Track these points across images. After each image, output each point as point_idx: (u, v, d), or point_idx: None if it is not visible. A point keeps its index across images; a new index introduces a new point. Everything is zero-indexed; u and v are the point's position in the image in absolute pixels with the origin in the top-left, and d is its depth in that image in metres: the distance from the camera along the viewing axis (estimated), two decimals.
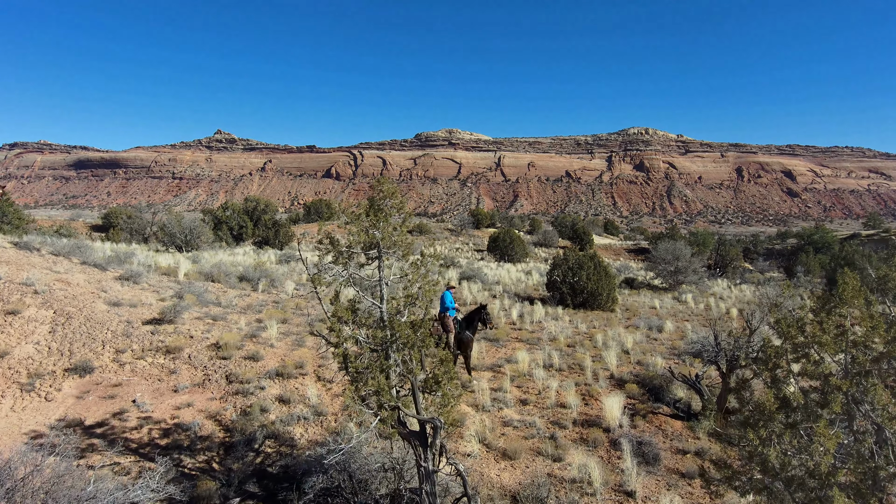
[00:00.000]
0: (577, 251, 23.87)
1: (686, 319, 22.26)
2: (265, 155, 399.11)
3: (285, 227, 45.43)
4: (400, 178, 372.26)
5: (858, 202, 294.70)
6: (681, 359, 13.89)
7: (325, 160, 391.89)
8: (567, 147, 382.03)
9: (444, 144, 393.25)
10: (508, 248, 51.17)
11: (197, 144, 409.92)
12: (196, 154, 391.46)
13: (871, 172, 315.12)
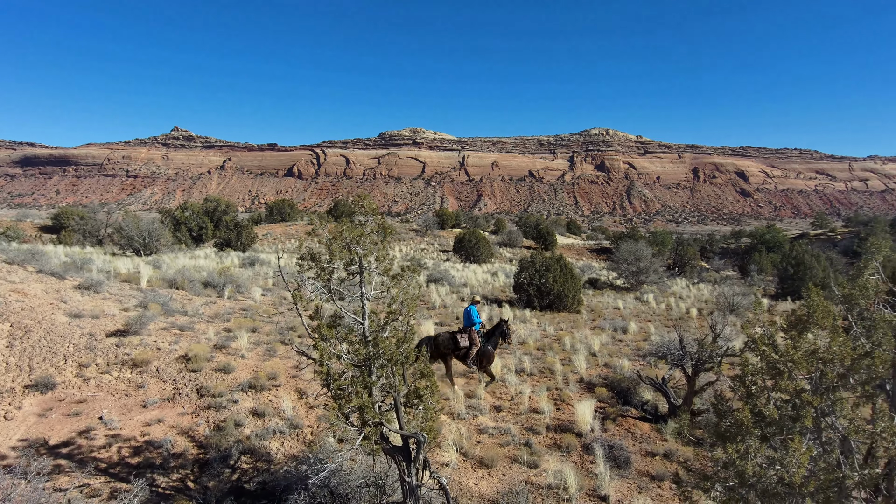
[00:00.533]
0: (543, 253, 24.19)
1: (649, 320, 22.85)
2: (225, 153, 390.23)
3: (248, 228, 44.48)
4: (363, 177, 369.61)
5: (806, 202, 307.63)
6: (646, 361, 14.29)
7: (286, 159, 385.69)
8: (530, 147, 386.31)
9: (408, 143, 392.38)
10: (474, 249, 51.42)
11: (153, 142, 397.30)
12: (152, 151, 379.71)
13: (817, 174, 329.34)
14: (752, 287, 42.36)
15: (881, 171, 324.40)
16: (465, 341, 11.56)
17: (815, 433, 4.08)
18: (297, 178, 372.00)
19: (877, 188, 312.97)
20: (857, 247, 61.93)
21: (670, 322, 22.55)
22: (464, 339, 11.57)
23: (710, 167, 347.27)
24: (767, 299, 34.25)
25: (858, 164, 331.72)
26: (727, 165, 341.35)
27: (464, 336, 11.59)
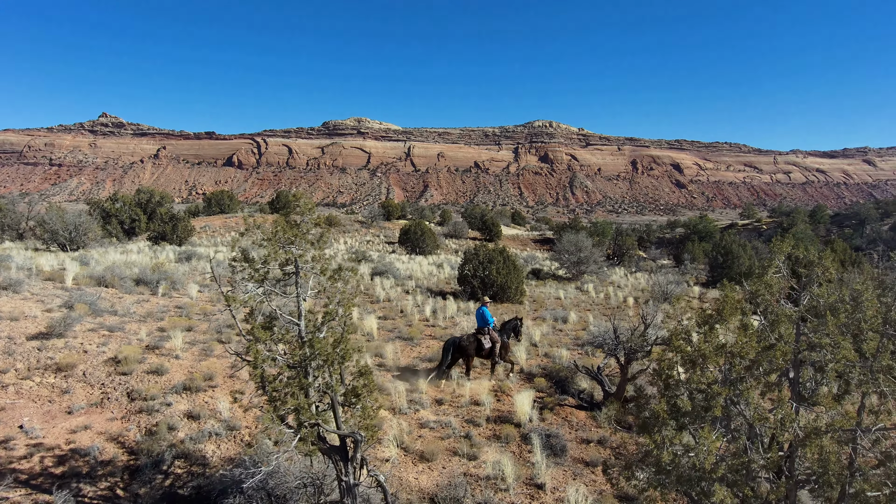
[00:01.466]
0: (487, 245, 24.52)
1: (588, 309, 23.61)
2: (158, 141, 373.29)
3: (184, 220, 42.82)
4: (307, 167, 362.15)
5: (736, 193, 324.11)
6: (584, 350, 14.79)
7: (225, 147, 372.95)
8: (475, 138, 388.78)
9: (352, 133, 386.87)
10: (420, 241, 51.46)
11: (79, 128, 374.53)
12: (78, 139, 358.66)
13: (746, 166, 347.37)
14: (685, 276, 44.45)
15: (802, 165, 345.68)
16: (488, 342, 12.29)
17: (725, 422, 4.40)
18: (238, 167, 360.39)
19: (798, 180, 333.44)
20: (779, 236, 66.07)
21: (608, 311, 23.38)
22: (487, 339, 12.30)
23: (648, 159, 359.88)
24: (699, 287, 35.99)
25: (782, 157, 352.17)
26: (664, 158, 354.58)
27: (486, 337, 12.30)
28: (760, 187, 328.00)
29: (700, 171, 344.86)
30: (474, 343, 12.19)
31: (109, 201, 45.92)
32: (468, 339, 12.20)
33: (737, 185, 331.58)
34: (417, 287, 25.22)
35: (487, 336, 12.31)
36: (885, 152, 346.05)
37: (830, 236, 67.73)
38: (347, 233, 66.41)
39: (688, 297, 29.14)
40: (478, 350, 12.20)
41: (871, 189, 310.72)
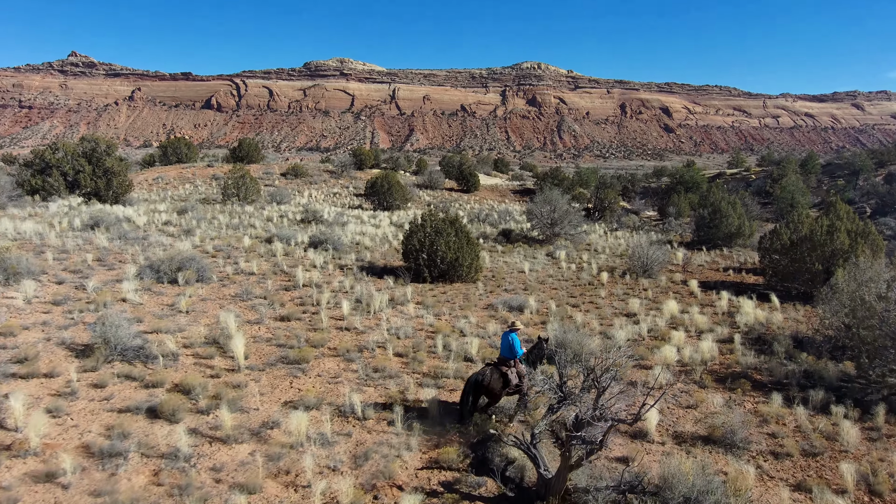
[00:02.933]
0: (436, 214, 20.96)
1: (555, 288, 20.50)
2: (133, 82, 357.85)
3: (121, 174, 38.44)
4: (289, 110, 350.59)
5: (724, 137, 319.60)
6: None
7: (203, 89, 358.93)
8: (462, 80, 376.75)
9: (335, 75, 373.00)
10: (387, 194, 47.91)
11: (48, 68, 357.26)
12: (47, 79, 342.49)
13: (735, 110, 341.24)
14: (669, 234, 41.37)
15: (791, 108, 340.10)
16: (515, 377, 9.69)
17: None
18: (217, 110, 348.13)
19: (786, 125, 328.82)
20: (768, 187, 62.84)
21: (577, 290, 20.23)
22: (513, 374, 9.69)
23: (637, 103, 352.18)
24: (683, 249, 32.95)
25: (771, 101, 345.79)
26: (653, 101, 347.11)
27: (513, 371, 9.69)
28: (748, 132, 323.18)
29: (689, 115, 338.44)
30: (500, 380, 9.53)
31: (50, 150, 41.46)
32: (491, 378, 9.46)
33: (725, 129, 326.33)
34: (358, 261, 21.77)
35: (514, 370, 9.68)
36: (874, 96, 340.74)
37: (821, 187, 64.70)
38: (314, 184, 62.33)
39: (670, 267, 26.00)
40: (504, 387, 9.60)
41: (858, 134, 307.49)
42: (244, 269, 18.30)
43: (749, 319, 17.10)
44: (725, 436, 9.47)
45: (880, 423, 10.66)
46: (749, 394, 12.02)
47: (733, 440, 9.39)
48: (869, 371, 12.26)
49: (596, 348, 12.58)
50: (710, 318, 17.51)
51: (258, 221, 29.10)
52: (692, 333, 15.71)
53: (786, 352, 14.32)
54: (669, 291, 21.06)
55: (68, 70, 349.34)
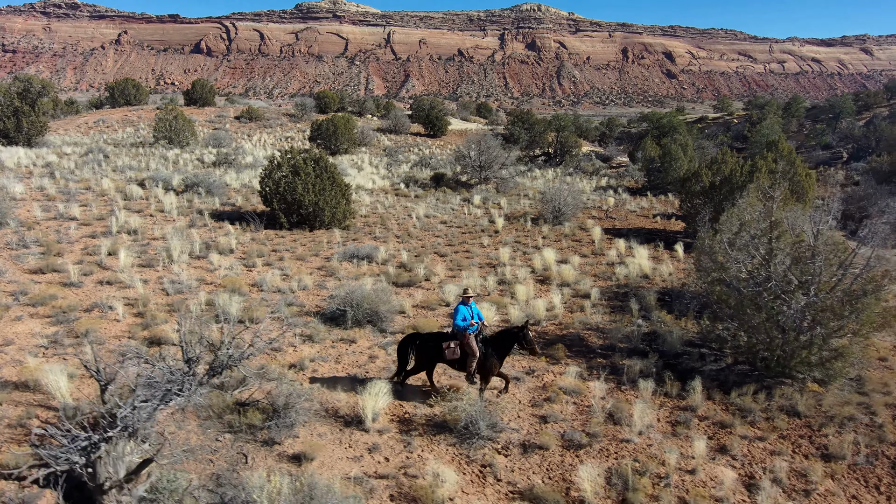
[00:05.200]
0: (310, 152, 18.56)
1: (437, 235, 18.45)
2: (119, 24, 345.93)
3: (32, 115, 35.89)
4: (281, 54, 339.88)
5: (727, 84, 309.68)
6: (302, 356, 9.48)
7: (192, 33, 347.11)
8: (460, 23, 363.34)
9: (328, 17, 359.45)
10: (332, 138, 45.07)
11: (29, 10, 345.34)
12: (30, 22, 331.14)
13: (740, 55, 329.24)
14: (623, 179, 38.89)
15: (798, 53, 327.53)
16: (452, 352, 8.68)
17: None
18: (207, 55, 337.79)
19: (792, 70, 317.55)
20: (746, 131, 59.60)
21: (463, 238, 18.17)
22: (451, 349, 8.67)
23: (640, 47, 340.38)
24: (627, 195, 30.60)
25: (778, 45, 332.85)
26: (656, 46, 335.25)
27: (452, 345, 8.67)
28: (753, 78, 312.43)
29: (692, 59, 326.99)
30: (435, 350, 8.75)
31: None
32: (427, 343, 8.81)
33: (729, 75, 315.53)
34: (225, 206, 19.61)
35: (455, 345, 8.65)
36: (884, 40, 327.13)
37: (802, 131, 61.39)
38: (269, 128, 59.72)
39: (594, 213, 23.67)
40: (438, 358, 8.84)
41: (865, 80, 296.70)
42: (65, 213, 16.09)
43: (631, 271, 15.01)
44: (467, 423, 7.42)
45: (697, 402, 8.65)
46: (565, 361, 10.01)
47: (477, 429, 7.34)
48: (710, 334, 10.19)
49: (388, 310, 10.52)
50: (590, 268, 15.43)
51: (160, 164, 26.77)
52: (552, 286, 13.63)
53: (642, 309, 12.26)
54: (566, 239, 18.93)
55: (51, 12, 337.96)
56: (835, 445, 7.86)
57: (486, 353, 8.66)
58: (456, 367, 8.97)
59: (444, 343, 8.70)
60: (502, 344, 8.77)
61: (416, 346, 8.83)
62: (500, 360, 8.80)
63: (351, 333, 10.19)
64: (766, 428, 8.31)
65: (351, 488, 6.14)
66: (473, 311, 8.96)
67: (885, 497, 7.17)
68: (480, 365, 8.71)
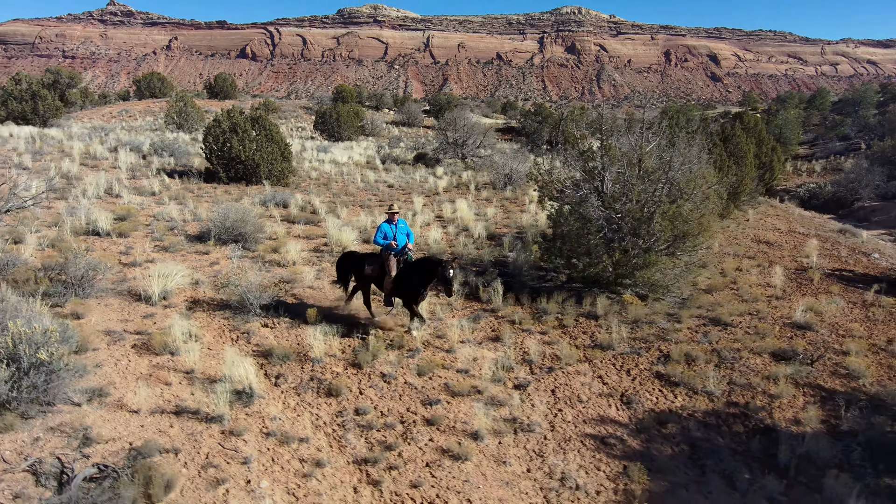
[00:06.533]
0: (240, 114, 19.45)
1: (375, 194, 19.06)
2: (170, 31, 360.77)
3: (48, 99, 38.42)
4: (322, 59, 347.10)
5: (775, 87, 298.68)
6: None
7: (238, 38, 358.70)
8: (499, 27, 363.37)
9: (368, 22, 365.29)
10: (335, 125, 46.32)
11: (88, 17, 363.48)
12: (88, 29, 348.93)
13: (789, 57, 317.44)
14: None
15: (852, 56, 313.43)
16: (372, 271, 8.59)
17: None
18: (251, 59, 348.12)
19: (845, 73, 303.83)
20: (764, 125, 57.94)
21: (396, 196, 18.69)
22: (371, 267, 8.57)
23: (683, 50, 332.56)
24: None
25: (831, 47, 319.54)
26: (700, 48, 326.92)
27: (371, 263, 8.59)
28: (803, 80, 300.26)
29: (738, 62, 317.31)
30: (359, 264, 8.71)
31: (13, 82, 42.05)
32: (355, 258, 8.79)
33: (777, 77, 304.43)
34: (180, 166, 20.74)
35: (375, 263, 8.55)
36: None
37: (825, 123, 59.15)
38: (284, 119, 61.71)
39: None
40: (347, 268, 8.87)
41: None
42: (20, 163, 17.53)
43: (540, 221, 15.31)
44: (242, 301, 8.05)
45: (498, 305, 9.05)
46: None
47: (250, 306, 7.97)
48: (546, 254, 10.49)
49: (254, 232, 11.24)
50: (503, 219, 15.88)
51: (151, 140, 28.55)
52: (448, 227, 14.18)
53: (522, 245, 12.59)
54: (502, 201, 19.32)
55: (107, 19, 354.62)
56: (605, 338, 8.11)
57: (405, 276, 8.29)
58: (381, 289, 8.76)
59: (367, 260, 8.60)
60: (423, 272, 8.17)
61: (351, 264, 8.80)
62: (420, 287, 8.23)
63: (209, 247, 10.97)
64: (553, 324, 8.65)
65: (98, 337, 6.86)
66: (401, 230, 8.63)
67: (630, 378, 7.43)
68: (398, 287, 8.39)
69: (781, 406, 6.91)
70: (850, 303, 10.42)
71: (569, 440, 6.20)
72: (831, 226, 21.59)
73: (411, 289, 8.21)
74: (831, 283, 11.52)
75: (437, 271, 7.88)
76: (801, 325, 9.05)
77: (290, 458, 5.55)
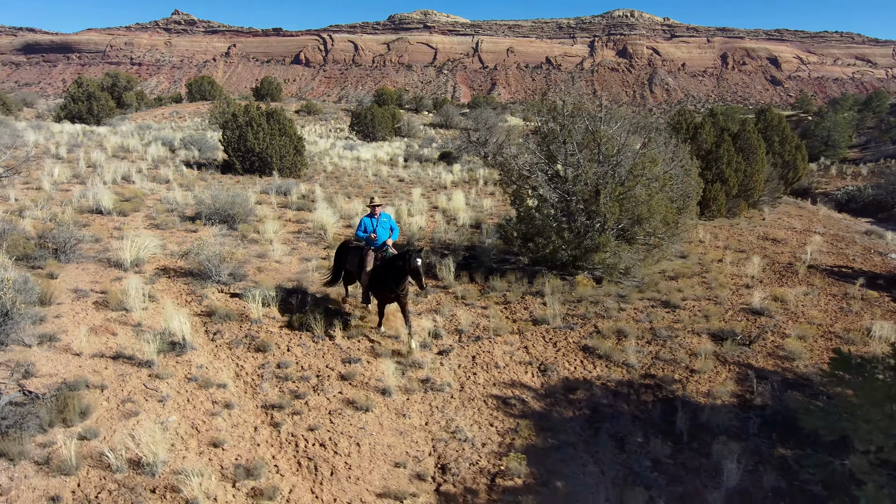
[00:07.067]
0: (256, 109, 20.45)
1: (383, 187, 19.68)
2: (228, 38, 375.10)
3: (102, 99, 41.15)
4: (373, 64, 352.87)
5: (841, 90, 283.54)
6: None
7: (293, 45, 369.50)
8: (548, 31, 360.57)
9: (418, 28, 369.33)
10: (370, 127, 47.65)
11: (154, 27, 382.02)
12: (154, 37, 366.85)
13: (857, 59, 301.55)
14: None
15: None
16: (351, 263, 8.41)
17: None
18: (305, 65, 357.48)
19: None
20: (813, 127, 55.60)
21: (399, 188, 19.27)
22: (352, 260, 8.39)
23: (741, 52, 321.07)
24: None
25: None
26: (759, 51, 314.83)
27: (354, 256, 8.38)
28: (872, 84, 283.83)
29: (801, 65, 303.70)
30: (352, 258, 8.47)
31: (75, 85, 45.32)
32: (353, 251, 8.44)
33: (843, 81, 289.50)
34: (205, 159, 21.96)
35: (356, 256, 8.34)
36: None
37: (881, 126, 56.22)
38: (323, 121, 63.67)
39: None
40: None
41: None
42: (55, 153, 19.02)
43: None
44: (202, 269, 8.72)
45: (450, 282, 9.42)
46: None
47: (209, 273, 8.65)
48: (507, 238, 10.77)
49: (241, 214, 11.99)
50: (497, 209, 16.18)
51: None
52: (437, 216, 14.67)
53: (489, 231, 12.92)
54: (501, 194, 19.55)
55: (172, 28, 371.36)
56: (542, 313, 8.33)
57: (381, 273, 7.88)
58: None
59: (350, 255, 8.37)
60: (396, 268, 7.68)
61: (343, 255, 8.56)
62: (393, 284, 7.73)
63: (197, 226, 11.76)
64: (497, 300, 8.94)
65: (65, 294, 7.65)
66: (383, 224, 8.28)
67: (555, 349, 7.65)
68: (374, 284, 8.05)
69: (699, 380, 6.98)
70: (828, 294, 10.21)
71: (473, 399, 6.52)
72: (858, 227, 20.80)
73: (385, 286, 7.79)
74: (816, 277, 11.28)
75: (405, 260, 7.47)
76: (756, 311, 8.99)
77: (205, 400, 6.11)
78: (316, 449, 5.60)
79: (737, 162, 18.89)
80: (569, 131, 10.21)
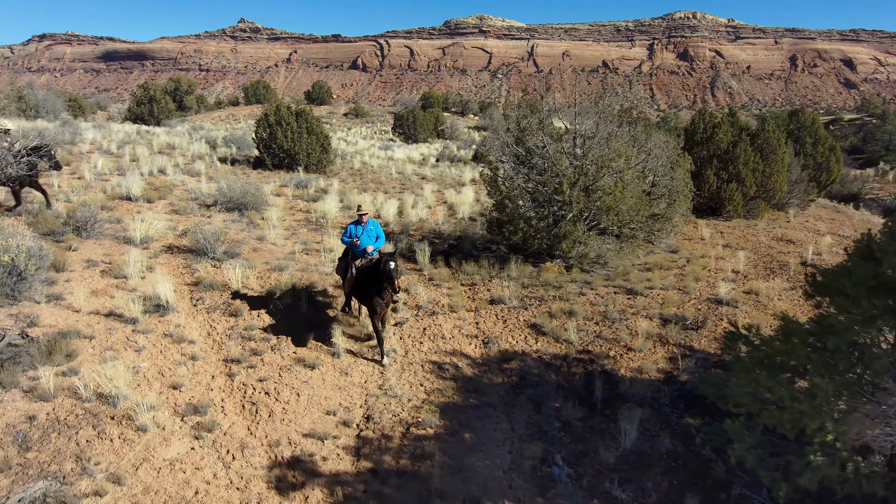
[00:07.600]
0: (287, 108, 21.75)
1: (403, 184, 20.57)
2: (290, 45, 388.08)
3: (161, 102, 44.22)
4: (428, 69, 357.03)
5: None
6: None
7: (351, 50, 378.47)
8: (606, 34, 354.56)
9: (474, 32, 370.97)
10: (411, 128, 49.05)
11: (221, 34, 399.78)
12: (221, 45, 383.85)
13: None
14: None
15: None
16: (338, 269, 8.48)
17: None
18: (362, 70, 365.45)
19: None
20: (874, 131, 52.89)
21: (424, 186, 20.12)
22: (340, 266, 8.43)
23: (812, 54, 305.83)
24: None
25: None
26: (832, 52, 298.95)
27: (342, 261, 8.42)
28: None
29: (879, 67, 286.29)
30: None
31: (142, 90, 48.98)
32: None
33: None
34: (241, 156, 23.48)
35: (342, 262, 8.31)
36: None
37: None
38: (370, 123, 65.61)
39: None
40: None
41: None
42: (105, 148, 20.88)
43: None
44: (199, 245, 9.73)
45: (425, 265, 10.11)
46: None
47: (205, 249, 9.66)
48: (490, 228, 11.33)
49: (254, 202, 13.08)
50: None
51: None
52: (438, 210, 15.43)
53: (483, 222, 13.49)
54: None
55: (237, 36, 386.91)
56: (501, 293, 8.86)
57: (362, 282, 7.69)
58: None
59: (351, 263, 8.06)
60: (375, 274, 7.50)
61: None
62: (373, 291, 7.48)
63: (212, 212, 12.91)
64: (464, 282, 9.53)
65: (78, 263, 8.81)
66: (369, 231, 8.08)
67: (504, 325, 8.20)
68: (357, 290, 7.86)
69: (633, 357, 7.37)
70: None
71: (412, 364, 7.17)
72: None
73: (366, 294, 7.58)
74: (805, 273, 11.27)
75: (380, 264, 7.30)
76: (719, 301, 9.20)
77: (175, 352, 7.05)
78: (260, 396, 6.42)
79: (754, 162, 18.65)
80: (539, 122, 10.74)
